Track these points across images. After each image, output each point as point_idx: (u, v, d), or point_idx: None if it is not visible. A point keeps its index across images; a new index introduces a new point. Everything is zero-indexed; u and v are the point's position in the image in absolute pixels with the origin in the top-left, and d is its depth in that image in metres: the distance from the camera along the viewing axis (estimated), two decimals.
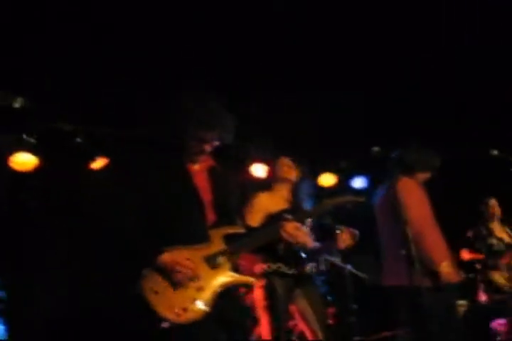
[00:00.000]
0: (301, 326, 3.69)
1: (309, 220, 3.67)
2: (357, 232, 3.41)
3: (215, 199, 2.61)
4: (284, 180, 3.74)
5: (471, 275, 6.03)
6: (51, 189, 5.35)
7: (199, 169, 2.65)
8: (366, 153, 3.55)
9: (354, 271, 5.25)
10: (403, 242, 3.32)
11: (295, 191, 3.77)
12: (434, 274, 3.57)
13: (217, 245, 2.51)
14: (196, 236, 2.49)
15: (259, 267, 3.53)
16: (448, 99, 6.11)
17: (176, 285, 2.38)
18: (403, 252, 3.33)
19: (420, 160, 3.87)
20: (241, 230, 2.62)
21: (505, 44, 5.58)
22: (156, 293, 2.36)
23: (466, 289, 5.84)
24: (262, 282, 3.52)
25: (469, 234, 5.61)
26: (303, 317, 3.59)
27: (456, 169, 6.21)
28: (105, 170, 5.07)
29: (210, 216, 2.57)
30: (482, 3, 5.15)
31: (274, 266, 3.51)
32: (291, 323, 4.35)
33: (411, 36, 5.48)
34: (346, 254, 5.17)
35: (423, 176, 3.91)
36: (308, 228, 3.65)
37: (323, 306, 3.70)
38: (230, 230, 2.58)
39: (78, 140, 5.08)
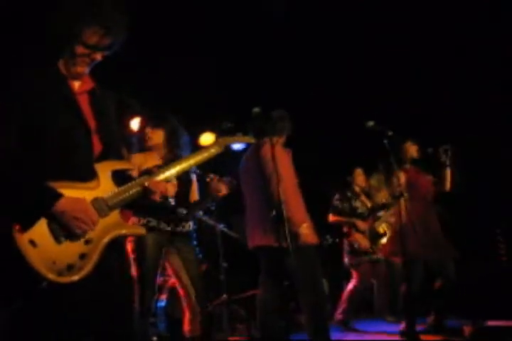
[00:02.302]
0: (174, 282, 3.69)
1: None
2: (233, 181, 3.40)
3: (99, 125, 2.15)
4: (152, 143, 3.70)
5: (336, 240, 6.37)
6: None
7: (79, 90, 2.16)
8: (247, 115, 3.58)
9: (226, 230, 5.33)
10: (273, 202, 3.41)
11: (168, 145, 3.71)
12: (294, 235, 3.65)
13: (106, 185, 2.07)
14: (81, 172, 2.04)
15: (131, 220, 3.48)
16: (326, 68, 6.31)
17: (62, 237, 1.92)
18: (273, 212, 3.42)
19: (280, 124, 3.96)
20: (130, 166, 2.25)
21: None
22: (36, 245, 1.85)
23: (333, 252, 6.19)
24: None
25: (336, 197, 5.90)
26: (176, 275, 3.59)
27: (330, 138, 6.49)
28: None
29: (97, 145, 2.12)
30: None
31: (143, 220, 3.48)
32: (160, 279, 4.36)
33: None
34: (221, 214, 5.25)
35: (282, 140, 4.01)
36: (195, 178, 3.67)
37: (197, 265, 3.69)
38: (120, 165, 2.16)
39: None
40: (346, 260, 5.79)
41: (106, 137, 2.16)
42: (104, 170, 2.09)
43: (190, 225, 3.69)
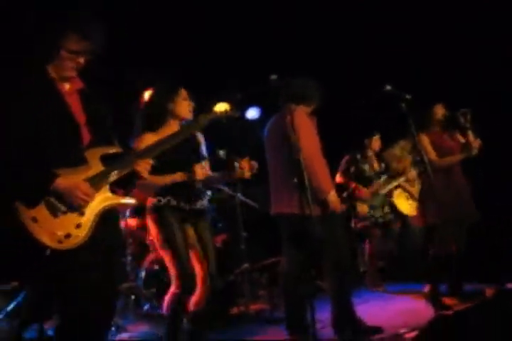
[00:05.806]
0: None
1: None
2: (256, 163, 3.39)
3: (89, 119, 2.51)
4: (180, 114, 3.60)
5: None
6: None
7: (69, 91, 2.52)
8: (261, 85, 3.53)
9: (244, 199, 5.35)
10: (295, 171, 3.39)
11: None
12: (322, 203, 3.69)
13: (96, 167, 2.44)
14: (72, 159, 2.40)
15: (150, 201, 3.45)
16: (339, 34, 6.23)
17: (59, 211, 2.32)
18: (295, 180, 3.40)
19: (307, 92, 3.92)
20: (118, 150, 2.54)
21: None
22: (36, 221, 2.28)
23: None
24: (154, 216, 3.42)
25: (346, 158, 5.94)
26: (192, 251, 3.56)
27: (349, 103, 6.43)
28: None
29: (86, 136, 2.49)
30: None
31: (164, 200, 3.42)
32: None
33: None
34: (238, 186, 5.26)
35: (309, 108, 3.98)
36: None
37: (211, 240, 3.67)
38: (107, 150, 2.51)
39: None
40: (353, 224, 5.88)
41: (96, 128, 2.52)
42: (93, 156, 2.45)
43: (206, 202, 3.64)
